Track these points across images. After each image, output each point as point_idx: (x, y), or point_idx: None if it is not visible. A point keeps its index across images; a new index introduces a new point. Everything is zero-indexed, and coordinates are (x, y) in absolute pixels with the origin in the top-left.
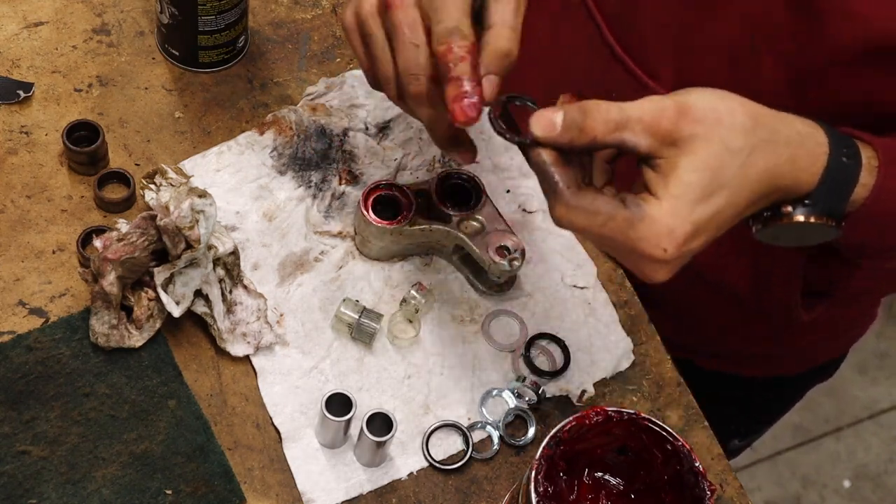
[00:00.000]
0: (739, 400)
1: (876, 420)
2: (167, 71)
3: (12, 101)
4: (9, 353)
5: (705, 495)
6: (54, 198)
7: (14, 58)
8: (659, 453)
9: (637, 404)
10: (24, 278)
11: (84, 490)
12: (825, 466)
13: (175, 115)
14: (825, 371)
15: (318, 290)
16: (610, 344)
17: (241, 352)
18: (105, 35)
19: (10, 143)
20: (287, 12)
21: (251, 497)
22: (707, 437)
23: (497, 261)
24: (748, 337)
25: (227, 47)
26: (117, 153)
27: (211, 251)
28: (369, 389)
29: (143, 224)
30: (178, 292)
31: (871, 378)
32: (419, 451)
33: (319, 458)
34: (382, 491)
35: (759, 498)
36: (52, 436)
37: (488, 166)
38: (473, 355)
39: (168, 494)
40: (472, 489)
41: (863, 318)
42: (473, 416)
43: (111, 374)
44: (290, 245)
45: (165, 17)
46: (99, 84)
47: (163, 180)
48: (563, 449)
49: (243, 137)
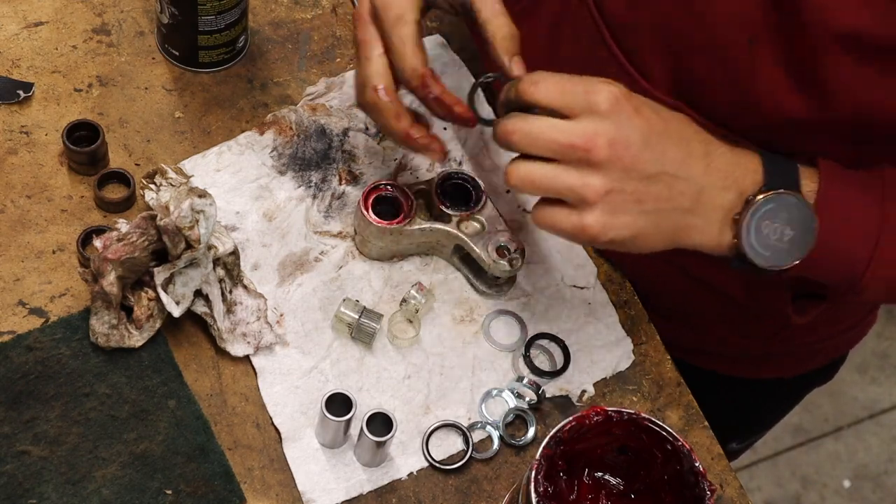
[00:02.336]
0: (737, 403)
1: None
2: (167, 71)
3: (12, 101)
4: (9, 353)
5: (705, 495)
6: (54, 198)
7: (14, 58)
8: (659, 453)
9: (637, 404)
10: (24, 278)
11: (84, 490)
12: (825, 466)
13: (175, 115)
14: (823, 374)
15: (318, 290)
16: (610, 344)
17: (241, 352)
18: (105, 35)
19: (10, 143)
20: (287, 12)
21: (251, 497)
22: (707, 437)
23: (497, 261)
24: (745, 338)
25: (227, 47)
26: (117, 153)
27: (211, 251)
28: (369, 389)
29: (143, 224)
30: (178, 292)
31: (871, 378)
32: (419, 451)
33: (319, 458)
34: (382, 491)
35: (759, 498)
36: (52, 436)
37: (488, 166)
38: (473, 355)
39: (168, 494)
40: (472, 489)
41: (861, 322)
42: (473, 416)
43: (111, 374)
44: (290, 245)
45: (165, 17)
46: (99, 84)
47: (163, 180)
48: (563, 449)
49: (243, 137)
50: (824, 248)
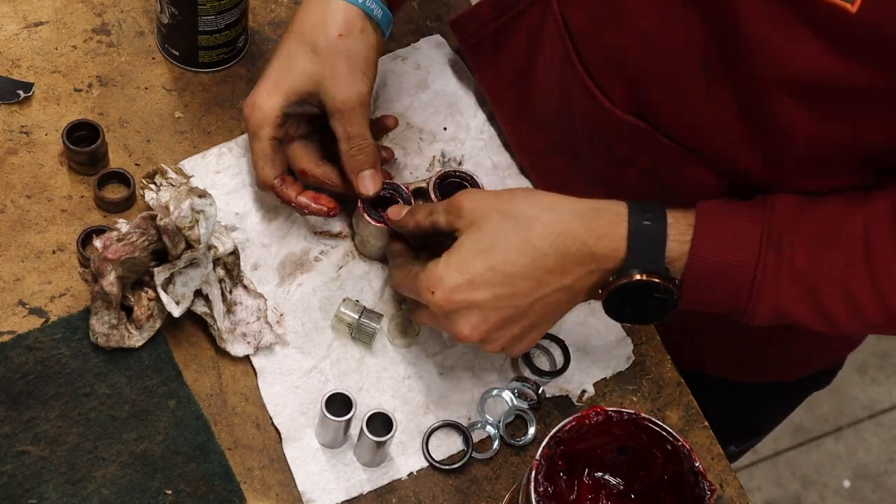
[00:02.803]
0: (735, 406)
1: (876, 420)
2: (167, 71)
3: (12, 101)
4: (9, 353)
5: (705, 495)
6: (54, 198)
7: (14, 58)
8: (659, 453)
9: (637, 404)
10: (24, 278)
11: (84, 490)
12: (825, 466)
13: (175, 115)
14: (822, 379)
15: (318, 290)
16: (610, 344)
17: (241, 352)
18: (105, 35)
19: (10, 143)
20: (287, 12)
21: (251, 497)
22: (707, 437)
23: None
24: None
25: (227, 47)
26: (117, 153)
27: (211, 251)
28: (369, 389)
29: (143, 224)
30: (178, 292)
31: (871, 378)
32: (419, 451)
33: (319, 458)
34: (382, 491)
35: (759, 498)
36: (52, 436)
37: (488, 166)
38: (473, 355)
39: (168, 494)
40: (472, 489)
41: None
42: (473, 416)
43: (111, 374)
44: (289, 245)
45: (165, 17)
46: (99, 84)
47: (163, 180)
48: (563, 449)
49: (243, 139)
50: (697, 301)
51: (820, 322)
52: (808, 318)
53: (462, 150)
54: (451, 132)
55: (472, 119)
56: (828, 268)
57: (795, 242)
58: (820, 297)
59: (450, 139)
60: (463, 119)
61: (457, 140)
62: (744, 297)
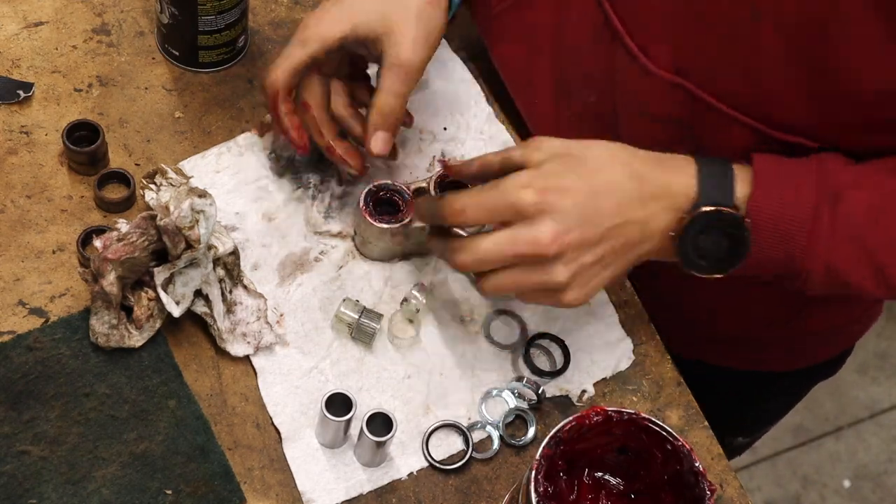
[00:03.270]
0: (742, 396)
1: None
2: (167, 71)
3: (12, 101)
4: (9, 353)
5: (705, 495)
6: (54, 198)
7: (14, 58)
8: (659, 453)
9: (637, 404)
10: (24, 278)
11: (84, 490)
12: (825, 466)
13: (175, 115)
14: (829, 367)
15: (318, 290)
16: (610, 344)
17: (241, 352)
18: (105, 35)
19: (10, 143)
20: (287, 12)
21: (251, 497)
22: (707, 437)
23: None
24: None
25: (227, 47)
26: (117, 153)
27: (211, 251)
28: (369, 389)
29: (143, 224)
30: (178, 292)
31: (871, 378)
32: (419, 451)
33: (319, 458)
34: (382, 491)
35: (759, 498)
36: (52, 436)
37: None
38: (473, 355)
39: (168, 494)
40: (472, 489)
41: (865, 314)
42: (473, 416)
43: (111, 374)
44: (290, 245)
45: (165, 17)
46: (99, 84)
47: (163, 180)
48: (563, 449)
49: (242, 139)
50: (759, 253)
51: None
52: (861, 274)
53: (462, 150)
54: (451, 132)
55: (472, 119)
56: (884, 227)
57: (852, 197)
58: (874, 252)
59: (450, 139)
60: (463, 119)
61: (457, 140)
62: (796, 266)
